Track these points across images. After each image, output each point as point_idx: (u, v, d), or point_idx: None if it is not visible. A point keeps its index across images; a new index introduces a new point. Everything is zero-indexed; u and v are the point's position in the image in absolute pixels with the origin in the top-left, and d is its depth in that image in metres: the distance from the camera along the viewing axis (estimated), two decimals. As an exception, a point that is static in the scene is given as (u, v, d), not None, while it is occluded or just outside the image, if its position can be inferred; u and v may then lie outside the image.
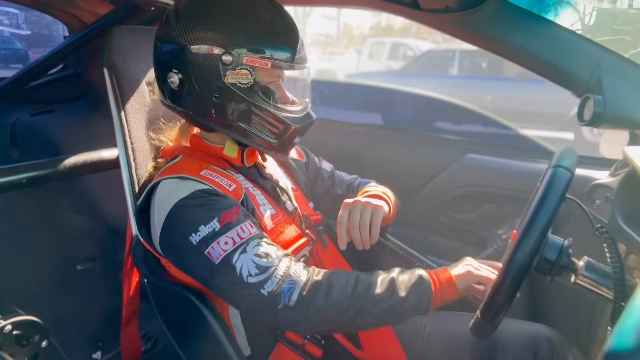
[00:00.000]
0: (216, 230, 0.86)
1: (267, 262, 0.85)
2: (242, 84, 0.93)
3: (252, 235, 0.87)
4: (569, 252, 0.85)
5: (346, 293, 0.85)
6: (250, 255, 0.85)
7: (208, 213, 0.88)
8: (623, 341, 0.44)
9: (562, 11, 1.06)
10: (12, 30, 4.54)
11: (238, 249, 0.85)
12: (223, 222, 0.86)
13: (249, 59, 0.92)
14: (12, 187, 1.43)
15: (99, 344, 1.72)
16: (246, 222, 0.89)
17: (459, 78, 6.73)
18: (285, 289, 0.83)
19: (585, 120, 1.02)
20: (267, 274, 0.83)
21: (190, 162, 0.99)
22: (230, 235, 0.86)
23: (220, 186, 0.94)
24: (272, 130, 0.97)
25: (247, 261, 0.84)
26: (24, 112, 1.97)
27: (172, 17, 0.96)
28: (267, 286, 0.83)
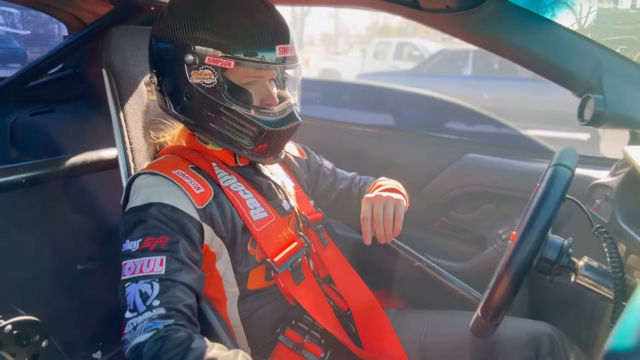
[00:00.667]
0: (131, 251, 0.87)
1: (139, 303, 0.82)
2: (206, 84, 0.92)
3: (153, 274, 0.85)
4: (569, 251, 0.85)
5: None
6: (136, 289, 0.84)
7: (138, 232, 0.89)
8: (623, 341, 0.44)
9: (562, 11, 1.06)
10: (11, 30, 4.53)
11: (132, 279, 0.85)
12: (141, 247, 0.87)
13: (211, 58, 0.90)
14: (12, 187, 1.43)
15: (99, 343, 1.72)
16: (159, 257, 0.86)
17: (473, 78, 6.68)
18: (128, 339, 0.81)
19: (586, 120, 1.03)
20: (133, 315, 0.82)
21: (170, 161, 1.01)
22: (137, 263, 0.86)
23: (187, 186, 0.94)
24: (245, 133, 0.96)
25: (134, 292, 0.83)
26: (23, 111, 1.97)
27: (158, 17, 0.99)
28: (126, 328, 0.82)
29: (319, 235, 1.14)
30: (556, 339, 1.02)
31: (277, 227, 1.02)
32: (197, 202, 0.93)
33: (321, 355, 1.00)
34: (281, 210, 1.07)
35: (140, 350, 0.78)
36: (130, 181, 0.99)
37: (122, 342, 0.82)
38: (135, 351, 0.78)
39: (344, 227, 1.52)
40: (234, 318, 1.00)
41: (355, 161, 1.48)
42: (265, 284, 1.01)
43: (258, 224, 0.99)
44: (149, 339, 0.78)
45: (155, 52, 0.98)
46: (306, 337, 1.01)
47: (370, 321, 1.09)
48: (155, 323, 0.80)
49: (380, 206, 1.03)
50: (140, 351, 0.77)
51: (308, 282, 1.04)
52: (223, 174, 1.02)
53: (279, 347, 1.00)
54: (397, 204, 1.04)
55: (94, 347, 1.71)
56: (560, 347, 1.01)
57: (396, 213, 1.04)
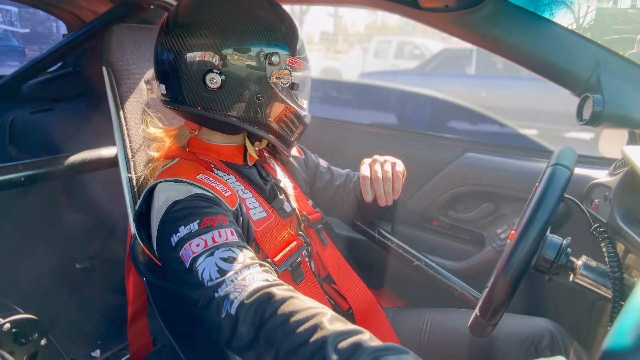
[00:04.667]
0: (192, 232, 0.81)
1: (229, 265, 0.76)
2: (283, 84, 0.96)
3: (228, 241, 0.80)
4: (567, 251, 0.85)
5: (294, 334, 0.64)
6: (216, 258, 0.77)
7: (192, 216, 0.84)
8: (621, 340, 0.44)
9: (561, 10, 1.06)
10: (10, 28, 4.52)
11: (206, 252, 0.78)
12: (203, 225, 0.82)
13: (290, 59, 0.95)
14: (11, 186, 1.43)
15: (98, 342, 1.73)
16: (228, 228, 0.83)
17: (476, 77, 6.69)
18: (231, 294, 0.72)
19: (585, 120, 1.03)
20: (224, 277, 0.74)
21: (187, 166, 0.99)
22: (205, 238, 0.80)
23: (216, 191, 0.93)
24: (293, 130, 1.02)
25: (210, 265, 0.76)
26: (22, 110, 1.97)
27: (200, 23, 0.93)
28: (220, 290, 0.73)
29: (319, 235, 1.15)
30: (556, 334, 1.02)
31: (276, 227, 1.02)
32: (229, 205, 0.92)
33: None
34: (283, 212, 1.07)
35: (268, 292, 0.69)
36: (150, 188, 0.96)
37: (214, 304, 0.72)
38: (257, 294, 0.70)
39: (343, 226, 1.52)
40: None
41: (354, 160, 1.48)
42: None
43: (257, 224, 0.99)
44: (272, 284, 0.71)
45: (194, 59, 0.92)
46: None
47: (369, 320, 1.09)
48: (266, 274, 0.75)
49: (379, 165, 1.07)
50: (269, 294, 0.69)
51: (308, 281, 1.04)
52: (222, 174, 1.02)
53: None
54: (395, 164, 1.09)
55: (92, 345, 1.71)
56: (560, 342, 1.01)
57: (395, 172, 1.07)
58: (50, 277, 1.72)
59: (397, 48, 9.01)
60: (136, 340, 1.24)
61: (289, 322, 0.66)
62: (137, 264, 1.07)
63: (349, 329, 0.64)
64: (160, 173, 0.99)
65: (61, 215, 1.87)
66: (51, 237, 1.80)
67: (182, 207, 0.87)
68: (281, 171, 1.18)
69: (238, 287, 0.72)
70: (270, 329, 0.67)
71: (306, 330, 0.64)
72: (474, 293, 1.33)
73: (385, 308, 1.17)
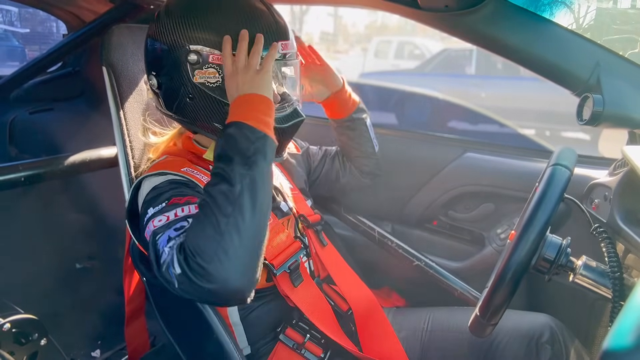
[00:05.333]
0: (158, 210, 0.83)
1: (176, 233, 0.79)
2: (210, 83, 0.91)
3: (190, 214, 0.81)
4: (567, 251, 0.85)
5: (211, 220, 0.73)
6: (170, 230, 0.79)
7: (161, 197, 0.86)
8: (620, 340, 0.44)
9: (561, 10, 1.06)
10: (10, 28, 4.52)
11: (165, 226, 0.80)
12: (170, 203, 0.84)
13: (215, 57, 0.90)
14: (11, 186, 1.42)
15: (98, 342, 1.73)
16: (193, 205, 0.83)
17: (476, 77, 6.66)
18: (168, 257, 0.75)
19: (584, 120, 1.03)
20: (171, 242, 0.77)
21: (173, 160, 0.99)
22: (168, 214, 0.82)
23: (200, 181, 0.93)
24: None
25: (165, 235, 0.79)
26: (22, 110, 1.97)
27: (155, 19, 0.98)
28: (163, 257, 0.76)
29: (318, 235, 1.15)
30: (556, 329, 1.03)
31: (274, 230, 1.02)
32: None
33: (321, 355, 1.00)
34: (279, 212, 1.07)
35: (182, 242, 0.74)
36: (137, 183, 0.97)
37: (163, 273, 0.75)
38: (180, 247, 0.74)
39: (343, 226, 1.52)
40: (233, 316, 1.00)
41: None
42: (266, 285, 1.01)
43: None
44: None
45: (153, 53, 0.97)
46: (307, 336, 1.01)
47: (369, 321, 1.09)
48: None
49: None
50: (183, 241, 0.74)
51: (306, 284, 1.04)
52: None
53: (279, 347, 1.00)
54: None
55: (92, 345, 1.71)
56: (560, 338, 1.01)
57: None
58: (50, 277, 1.72)
59: (397, 48, 9.00)
60: (133, 339, 1.24)
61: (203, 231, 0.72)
62: (137, 264, 1.07)
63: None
64: (147, 169, 1.00)
65: (61, 215, 1.87)
66: (51, 237, 1.80)
67: (155, 192, 0.88)
68: (279, 171, 1.18)
69: (170, 250, 0.75)
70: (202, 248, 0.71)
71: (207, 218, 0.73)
72: (474, 293, 1.33)
73: (385, 308, 1.17)
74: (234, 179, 0.75)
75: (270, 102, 0.85)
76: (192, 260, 0.71)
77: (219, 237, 0.71)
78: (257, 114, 0.81)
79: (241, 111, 0.82)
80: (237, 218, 0.73)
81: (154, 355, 1.33)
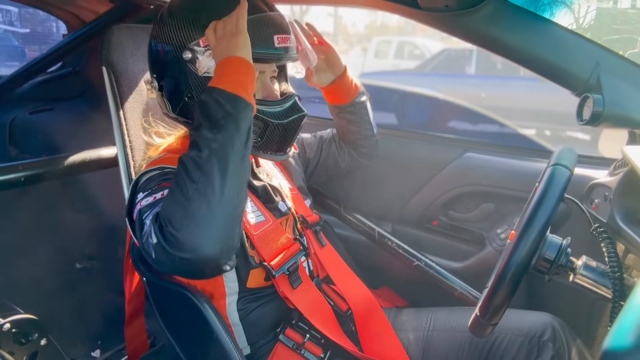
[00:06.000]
0: (148, 192, 0.84)
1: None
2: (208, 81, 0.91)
3: None
4: (567, 251, 0.85)
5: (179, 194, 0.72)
6: (157, 207, 0.79)
7: (152, 183, 0.87)
8: (621, 340, 0.44)
9: (561, 10, 1.06)
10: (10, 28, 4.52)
11: (153, 204, 0.81)
12: (159, 186, 0.85)
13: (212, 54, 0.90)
14: (11, 186, 1.43)
15: (98, 342, 1.73)
16: None
17: (476, 77, 6.66)
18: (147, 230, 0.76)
19: (585, 120, 1.02)
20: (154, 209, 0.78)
21: (171, 157, 0.99)
22: (155, 195, 0.83)
23: None
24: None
25: (151, 213, 0.79)
26: (22, 110, 1.97)
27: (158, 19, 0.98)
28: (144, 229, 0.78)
29: (317, 236, 1.15)
30: (558, 328, 1.03)
31: (274, 231, 1.02)
32: None
33: (321, 355, 1.00)
34: (277, 212, 1.07)
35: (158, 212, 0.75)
36: (136, 180, 0.97)
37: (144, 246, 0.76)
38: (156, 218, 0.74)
39: (343, 226, 1.52)
40: (232, 317, 1.00)
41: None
42: (265, 284, 1.01)
43: (255, 228, 0.99)
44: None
45: (155, 54, 0.97)
46: (306, 336, 1.01)
47: (369, 321, 1.09)
48: None
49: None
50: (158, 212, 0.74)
51: (306, 285, 1.04)
52: None
53: (279, 347, 1.00)
54: None
55: (92, 345, 1.71)
56: (562, 336, 1.02)
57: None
58: (50, 277, 1.72)
59: (397, 48, 8.99)
60: (133, 339, 1.24)
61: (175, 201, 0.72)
62: (137, 264, 1.07)
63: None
64: (146, 166, 1.00)
65: (61, 215, 1.87)
66: (51, 237, 1.80)
67: (147, 181, 0.89)
68: (278, 170, 1.18)
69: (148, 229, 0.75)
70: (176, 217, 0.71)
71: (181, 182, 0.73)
72: (474, 293, 1.33)
73: (386, 308, 1.17)
74: (201, 144, 0.74)
75: (247, 63, 0.82)
76: (165, 229, 0.71)
77: (187, 203, 0.71)
78: (230, 76, 0.79)
79: (216, 77, 0.81)
80: (205, 184, 0.71)
81: (153, 356, 1.33)
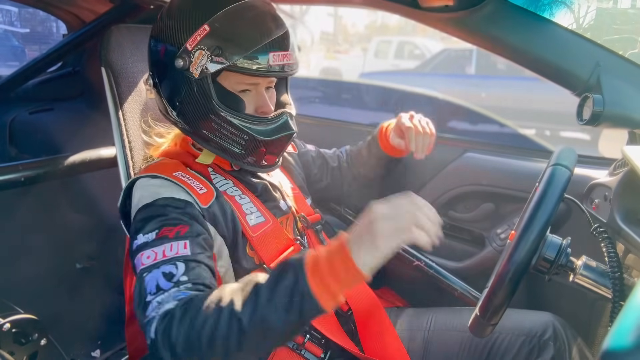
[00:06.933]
0: (148, 242, 0.82)
1: (165, 283, 0.77)
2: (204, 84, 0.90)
3: (177, 255, 0.80)
4: (567, 251, 0.85)
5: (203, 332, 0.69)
6: (158, 273, 0.78)
7: (153, 224, 0.85)
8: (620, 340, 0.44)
9: (561, 10, 1.06)
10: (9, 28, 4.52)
11: (153, 266, 0.79)
12: (159, 236, 0.83)
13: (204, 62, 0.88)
14: (11, 186, 1.43)
15: (98, 342, 1.72)
16: (183, 241, 0.83)
17: (476, 77, 6.64)
18: (153, 315, 0.74)
19: (585, 120, 1.03)
20: (154, 296, 0.76)
21: (167, 163, 0.99)
22: (156, 250, 0.81)
23: (190, 187, 0.93)
24: (236, 141, 0.93)
25: (153, 278, 0.78)
26: (22, 110, 1.97)
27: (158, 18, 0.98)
28: (148, 311, 0.75)
29: (318, 235, 1.14)
30: (559, 327, 1.03)
31: (273, 232, 1.01)
32: (201, 202, 0.92)
33: (321, 355, 1.00)
34: (278, 210, 1.06)
35: (171, 314, 0.71)
36: (129, 184, 0.97)
37: (144, 325, 0.74)
38: (165, 318, 0.72)
39: (343, 226, 1.52)
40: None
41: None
42: None
43: (254, 229, 0.98)
44: (178, 304, 0.73)
45: (154, 53, 0.97)
46: (307, 337, 1.01)
47: (370, 320, 1.09)
48: (184, 293, 0.75)
49: (417, 120, 1.16)
50: (172, 315, 0.71)
51: None
52: (219, 178, 1.01)
53: (279, 347, 1.00)
54: (429, 121, 1.19)
55: (92, 345, 1.71)
56: (562, 335, 1.02)
57: (430, 129, 1.17)
58: (50, 277, 1.72)
59: (397, 48, 8.98)
60: (134, 339, 1.24)
61: (194, 328, 0.69)
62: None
63: (242, 284, 0.72)
64: (142, 169, 1.00)
65: (61, 215, 1.87)
66: (51, 237, 1.80)
67: (146, 213, 0.88)
68: (279, 170, 1.18)
69: (155, 309, 0.74)
70: (183, 347, 0.69)
71: (210, 316, 0.69)
72: (474, 293, 1.33)
73: (386, 308, 1.17)
74: (249, 306, 0.68)
75: (362, 277, 0.68)
76: (168, 342, 0.70)
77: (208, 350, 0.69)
78: (335, 285, 0.67)
79: (324, 264, 0.68)
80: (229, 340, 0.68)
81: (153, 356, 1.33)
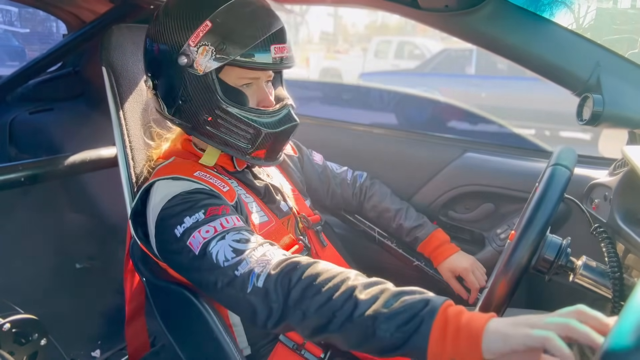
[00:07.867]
0: (199, 221, 0.83)
1: (244, 245, 0.80)
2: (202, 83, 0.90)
3: (236, 226, 0.84)
4: (567, 251, 0.85)
5: (322, 292, 0.70)
6: (228, 241, 0.80)
7: (196, 207, 0.86)
8: (620, 340, 0.44)
9: (561, 10, 1.06)
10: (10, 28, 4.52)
11: (217, 236, 0.81)
12: (208, 214, 0.84)
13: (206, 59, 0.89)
14: (11, 186, 1.43)
15: (98, 342, 1.73)
16: (234, 215, 0.86)
17: (476, 77, 6.64)
18: (256, 269, 0.76)
19: (585, 120, 1.03)
20: (241, 256, 0.78)
21: (184, 164, 0.99)
22: (213, 225, 0.83)
23: (214, 186, 0.93)
24: (242, 135, 0.94)
25: (224, 247, 0.80)
26: (22, 110, 1.97)
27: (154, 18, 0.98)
28: (240, 268, 0.77)
29: (318, 236, 1.15)
30: None
31: (277, 232, 1.02)
32: (228, 199, 0.93)
33: (321, 355, 1.00)
34: (279, 211, 1.07)
35: (290, 264, 0.74)
36: (148, 186, 0.96)
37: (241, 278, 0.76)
38: (280, 265, 0.75)
39: (343, 226, 1.52)
40: (233, 317, 1.00)
41: (355, 160, 1.48)
42: None
43: (259, 228, 0.99)
44: (288, 257, 0.77)
45: (150, 53, 0.97)
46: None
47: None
48: (278, 250, 0.81)
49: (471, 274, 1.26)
50: (294, 265, 0.74)
51: None
52: (225, 178, 1.02)
53: (279, 347, 1.00)
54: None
55: (92, 345, 1.71)
56: None
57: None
58: (50, 277, 1.72)
59: (397, 48, 8.97)
60: (133, 339, 1.24)
61: (315, 282, 0.71)
62: (137, 264, 1.07)
63: (372, 280, 0.73)
64: (157, 171, 0.99)
65: (61, 215, 1.87)
66: (51, 237, 1.80)
67: (183, 199, 0.88)
68: (278, 171, 1.18)
69: (261, 262, 0.77)
70: (299, 292, 0.72)
71: (334, 285, 0.70)
72: (474, 293, 1.33)
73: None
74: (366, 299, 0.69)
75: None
76: (287, 285, 0.73)
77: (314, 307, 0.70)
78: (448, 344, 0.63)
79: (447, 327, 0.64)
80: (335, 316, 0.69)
81: (154, 356, 1.33)
